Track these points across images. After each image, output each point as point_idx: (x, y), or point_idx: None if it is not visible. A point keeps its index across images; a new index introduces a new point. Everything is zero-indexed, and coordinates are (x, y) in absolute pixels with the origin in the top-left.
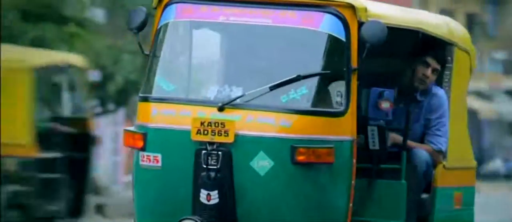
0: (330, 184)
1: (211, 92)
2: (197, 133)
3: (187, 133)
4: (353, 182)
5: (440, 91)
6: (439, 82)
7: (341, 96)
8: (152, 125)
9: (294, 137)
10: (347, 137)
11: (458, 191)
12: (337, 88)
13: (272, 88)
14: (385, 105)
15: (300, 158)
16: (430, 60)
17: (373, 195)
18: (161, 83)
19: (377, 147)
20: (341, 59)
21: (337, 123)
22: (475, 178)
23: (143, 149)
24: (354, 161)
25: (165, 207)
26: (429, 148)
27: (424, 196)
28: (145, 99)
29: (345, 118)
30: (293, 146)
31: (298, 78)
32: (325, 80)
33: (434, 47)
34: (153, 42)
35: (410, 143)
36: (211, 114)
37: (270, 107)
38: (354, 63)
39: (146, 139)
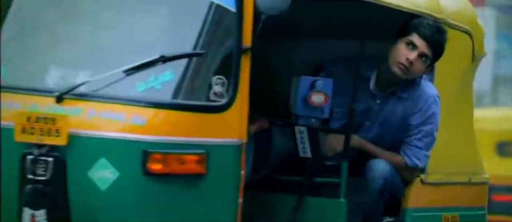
0: (201, 203)
1: (52, 78)
2: (22, 131)
3: (11, 131)
4: (240, 200)
5: (430, 90)
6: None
7: (223, 85)
8: None
9: (147, 138)
10: (231, 140)
11: (450, 213)
12: (219, 75)
13: (127, 72)
14: (317, 99)
15: (154, 167)
16: (417, 39)
17: (303, 216)
18: None
19: (308, 155)
20: (229, 35)
21: (214, 121)
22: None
23: None
24: (243, 172)
25: None
26: (400, 161)
27: (389, 219)
28: None
29: (228, 113)
30: (145, 151)
31: (161, 59)
32: (202, 63)
33: None
34: None
35: (375, 150)
36: (45, 106)
37: (120, 99)
38: (246, 42)
39: None
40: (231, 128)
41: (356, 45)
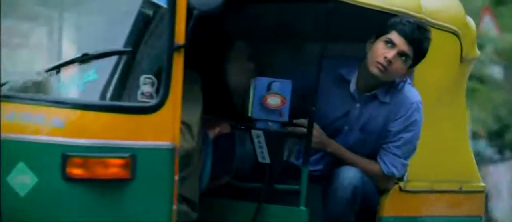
0: (130, 210)
1: None
2: None
3: None
4: (174, 207)
5: (414, 96)
6: None
7: (153, 85)
8: None
9: (66, 141)
10: (162, 143)
11: None
12: (148, 74)
13: (49, 72)
14: (273, 101)
15: (75, 171)
16: (396, 37)
17: None
18: None
19: (267, 160)
20: (160, 32)
21: (142, 123)
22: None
23: None
24: (176, 177)
25: None
26: (377, 169)
27: None
28: None
29: (159, 115)
30: (64, 155)
31: (83, 58)
32: (129, 62)
33: None
34: None
35: (351, 157)
36: None
37: (40, 100)
38: (179, 39)
39: None
40: (162, 130)
41: (335, 47)
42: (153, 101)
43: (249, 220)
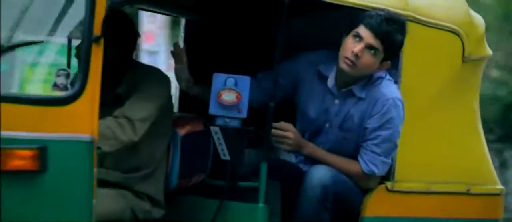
0: (44, 202)
1: None
2: None
3: None
4: (94, 201)
5: (390, 92)
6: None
7: (68, 77)
8: None
9: None
10: (78, 135)
11: None
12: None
13: None
14: (228, 97)
15: None
16: (363, 30)
17: (219, 220)
18: None
19: (227, 157)
20: (77, 23)
21: (55, 114)
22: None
23: None
24: (95, 170)
25: None
26: (356, 168)
27: None
28: None
29: (74, 107)
30: None
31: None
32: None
33: None
34: None
35: (328, 157)
36: None
37: None
38: (96, 30)
39: None
40: (77, 122)
41: None
42: (66, 93)
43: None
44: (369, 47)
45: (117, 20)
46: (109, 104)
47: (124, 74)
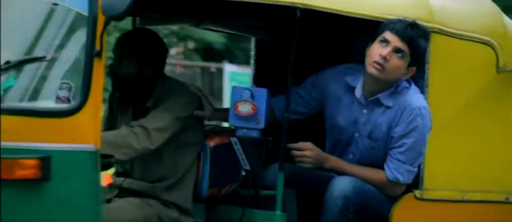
0: (48, 211)
1: None
2: None
3: None
4: (99, 208)
5: (417, 102)
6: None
7: (70, 90)
8: None
9: None
10: (81, 145)
11: None
12: (66, 79)
13: None
14: (244, 109)
15: None
16: (389, 35)
17: None
18: None
19: (247, 167)
20: (79, 38)
21: (58, 126)
22: None
23: None
24: (99, 179)
25: None
26: (381, 176)
27: None
28: None
29: (77, 118)
30: None
31: (7, 66)
32: (47, 67)
33: None
34: None
35: (352, 169)
36: None
37: None
38: (97, 45)
39: None
40: (80, 133)
41: None
42: (69, 105)
43: None
44: (397, 50)
45: (145, 38)
46: (138, 116)
47: (154, 88)
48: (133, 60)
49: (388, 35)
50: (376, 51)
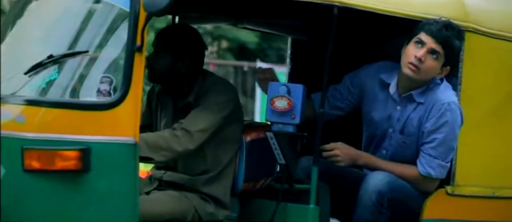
0: (88, 201)
1: None
2: None
3: None
4: (137, 200)
5: (446, 97)
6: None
7: (111, 84)
8: None
9: (26, 136)
10: (120, 138)
11: None
12: (107, 73)
13: (27, 73)
14: (280, 104)
15: (32, 163)
16: (424, 36)
17: (278, 221)
18: None
19: (282, 161)
20: (120, 34)
21: (98, 119)
22: None
23: None
24: (137, 171)
25: None
26: (413, 171)
27: None
28: None
29: (116, 111)
30: (22, 148)
31: (50, 60)
32: (89, 62)
33: None
34: None
35: (385, 165)
36: None
37: (9, 99)
38: (138, 40)
39: None
40: (120, 126)
41: None
42: (110, 99)
43: (269, 218)
44: (431, 51)
45: (180, 32)
46: (179, 112)
47: (194, 84)
48: (167, 53)
49: (423, 36)
50: (412, 52)
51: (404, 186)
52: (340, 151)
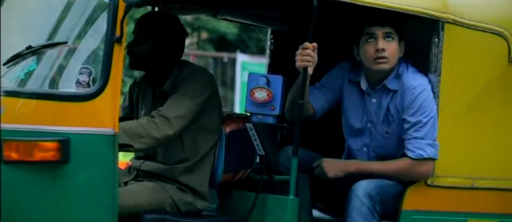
0: (67, 192)
1: None
2: None
3: None
4: (116, 190)
5: (414, 81)
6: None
7: (90, 75)
8: None
9: (5, 127)
10: (99, 129)
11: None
12: (86, 64)
13: (6, 63)
14: (260, 95)
15: (10, 154)
16: (372, 29)
17: (258, 213)
18: None
19: (262, 152)
20: (99, 25)
21: (77, 110)
22: None
23: None
24: (116, 162)
25: None
26: (405, 162)
27: None
28: None
29: (95, 102)
30: (2, 139)
31: (29, 51)
32: (68, 53)
33: None
34: None
35: (373, 166)
36: None
37: None
38: (117, 31)
39: None
40: (99, 117)
41: None
42: (89, 90)
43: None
44: (386, 36)
45: (161, 18)
46: (155, 99)
47: (171, 72)
48: (148, 40)
49: (370, 30)
50: (371, 48)
51: (390, 185)
52: (327, 167)
